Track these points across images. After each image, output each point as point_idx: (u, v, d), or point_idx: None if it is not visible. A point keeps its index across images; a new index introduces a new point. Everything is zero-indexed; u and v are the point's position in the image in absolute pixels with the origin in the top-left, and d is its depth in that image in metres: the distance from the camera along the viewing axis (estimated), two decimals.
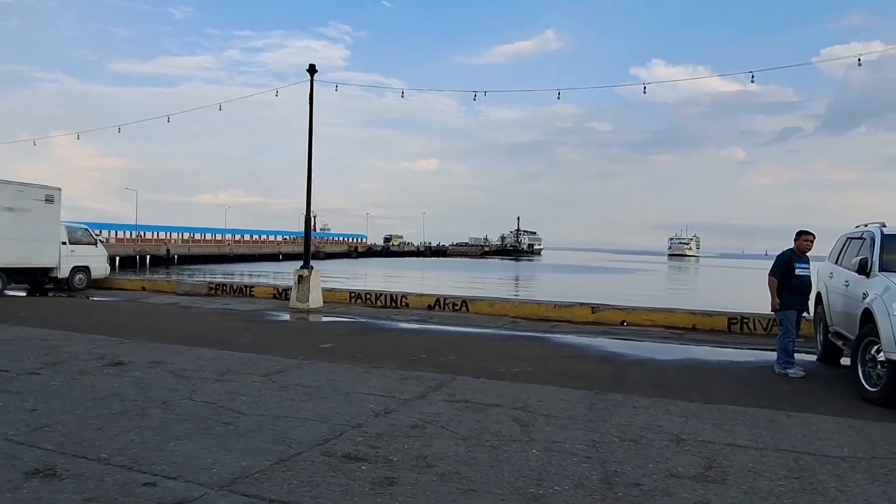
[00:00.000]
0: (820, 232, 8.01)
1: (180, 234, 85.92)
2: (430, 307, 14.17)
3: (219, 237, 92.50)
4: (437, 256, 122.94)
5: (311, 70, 14.20)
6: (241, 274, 52.94)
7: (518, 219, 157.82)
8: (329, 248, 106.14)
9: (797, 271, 7.67)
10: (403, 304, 14.50)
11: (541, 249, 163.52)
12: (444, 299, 14.19)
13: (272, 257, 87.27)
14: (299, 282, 13.85)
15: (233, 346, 8.77)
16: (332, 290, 15.23)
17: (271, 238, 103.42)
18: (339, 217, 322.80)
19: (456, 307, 13.95)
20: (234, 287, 16.68)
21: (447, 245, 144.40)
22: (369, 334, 10.62)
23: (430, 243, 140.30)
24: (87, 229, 18.29)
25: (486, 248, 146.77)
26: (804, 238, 7.79)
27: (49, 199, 16.13)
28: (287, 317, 12.94)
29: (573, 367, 8.00)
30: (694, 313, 12.38)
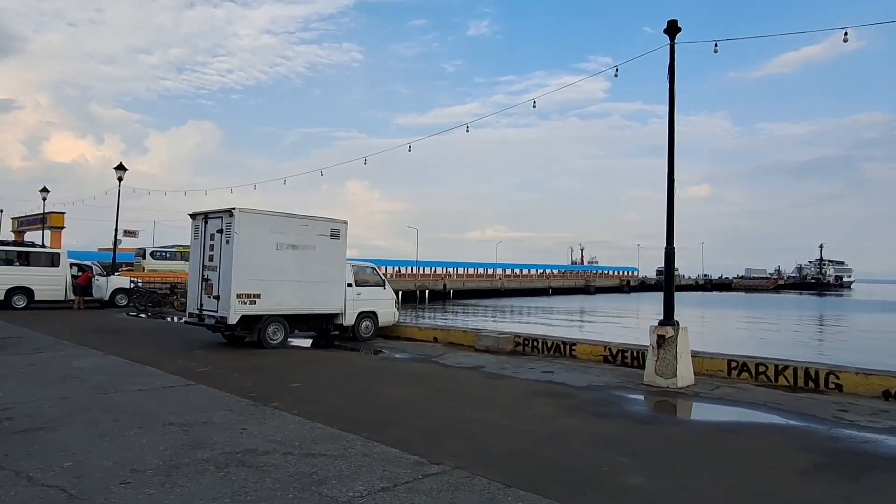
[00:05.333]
0: None
1: (455, 270, 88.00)
2: (887, 396, 8.38)
3: (490, 272, 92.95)
4: (720, 290, 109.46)
5: (672, 29, 9.53)
6: (513, 310, 50.19)
7: (821, 246, 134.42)
8: (599, 282, 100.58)
9: None
10: (831, 384, 8.89)
11: (851, 282, 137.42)
12: None
13: (542, 291, 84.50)
14: (660, 345, 9.08)
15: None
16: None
17: (539, 272, 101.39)
18: (604, 250, 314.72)
19: None
20: (548, 344, 12.38)
21: (730, 277, 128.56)
22: (865, 478, 5.39)
23: (709, 275, 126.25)
24: (374, 268, 15.70)
25: (781, 281, 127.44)
26: None
27: (335, 235, 13.77)
28: (650, 404, 8.29)
29: None
30: None
